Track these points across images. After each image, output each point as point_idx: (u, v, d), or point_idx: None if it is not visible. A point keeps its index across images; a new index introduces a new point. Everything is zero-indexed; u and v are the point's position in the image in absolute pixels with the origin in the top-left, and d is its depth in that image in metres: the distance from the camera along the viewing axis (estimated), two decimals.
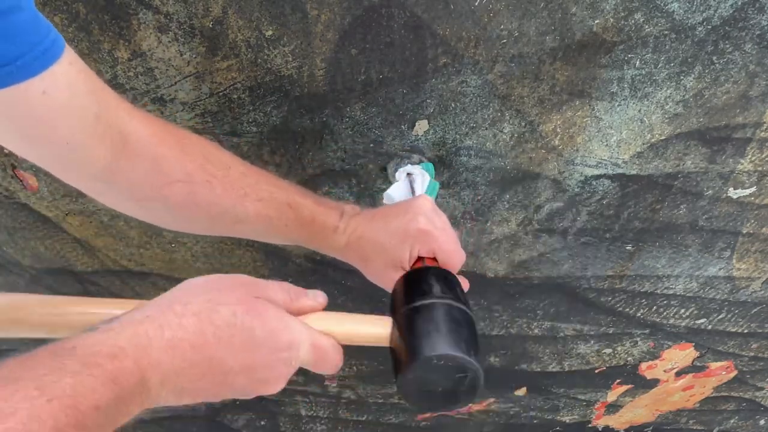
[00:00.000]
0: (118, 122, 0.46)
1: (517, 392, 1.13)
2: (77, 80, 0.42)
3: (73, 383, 0.29)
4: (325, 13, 0.59)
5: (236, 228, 0.55)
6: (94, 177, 0.48)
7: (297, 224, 0.55)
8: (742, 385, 1.13)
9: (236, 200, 0.52)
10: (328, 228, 0.55)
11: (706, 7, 0.59)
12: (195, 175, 0.50)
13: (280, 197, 0.54)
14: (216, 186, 0.51)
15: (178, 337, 0.35)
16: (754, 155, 0.73)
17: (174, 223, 0.57)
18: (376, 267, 0.56)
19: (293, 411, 1.18)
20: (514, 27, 0.60)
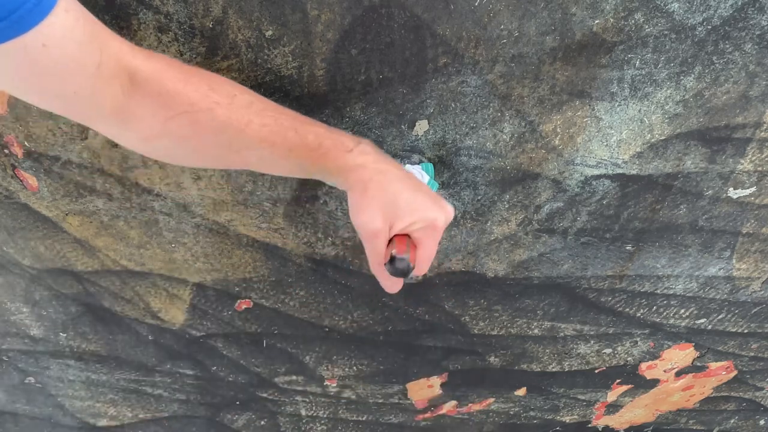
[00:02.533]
0: (123, 63, 0.47)
1: (517, 392, 1.13)
2: (76, 28, 0.42)
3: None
4: (325, 13, 0.59)
5: (242, 155, 0.54)
6: (107, 120, 0.49)
7: (302, 148, 0.54)
8: (742, 385, 1.13)
9: (240, 126, 0.52)
10: (339, 149, 0.54)
11: (706, 7, 0.59)
12: (198, 104, 0.50)
13: (285, 122, 0.54)
14: (219, 113, 0.51)
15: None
16: (754, 155, 0.73)
17: (183, 157, 0.57)
18: (370, 206, 0.54)
19: (293, 411, 1.18)
20: (514, 27, 0.60)
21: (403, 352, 1.02)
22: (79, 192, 0.77)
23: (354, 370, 1.07)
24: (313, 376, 1.08)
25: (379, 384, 1.10)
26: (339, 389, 1.12)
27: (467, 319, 0.96)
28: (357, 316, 0.95)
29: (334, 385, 1.10)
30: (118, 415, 1.23)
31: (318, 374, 1.08)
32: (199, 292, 0.92)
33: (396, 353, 1.03)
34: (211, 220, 0.80)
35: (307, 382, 1.10)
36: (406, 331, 0.98)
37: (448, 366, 1.05)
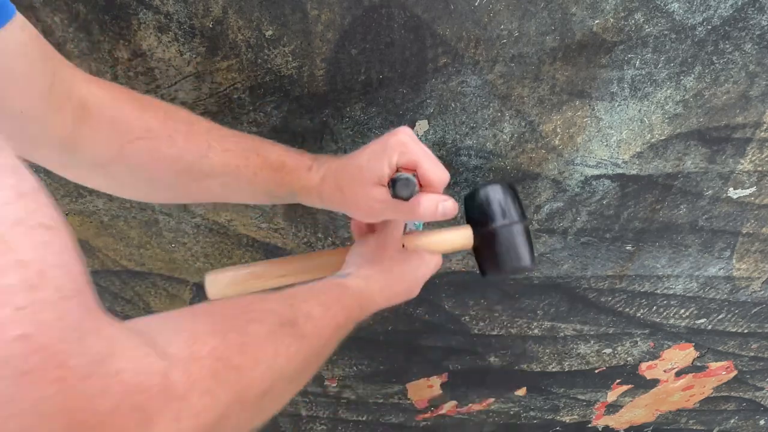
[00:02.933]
0: (76, 89, 0.45)
1: (517, 392, 1.13)
2: (30, 46, 0.40)
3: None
4: (325, 13, 0.59)
5: (203, 185, 0.52)
6: (56, 148, 0.46)
7: (266, 170, 0.52)
8: (742, 385, 1.13)
9: (201, 152, 0.50)
10: (300, 168, 0.53)
11: (706, 7, 0.59)
12: (156, 131, 0.49)
13: (246, 145, 0.52)
14: (178, 139, 0.49)
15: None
16: (754, 155, 0.73)
17: (138, 187, 0.54)
18: (353, 190, 0.52)
19: (293, 411, 1.18)
20: (514, 27, 0.60)
21: (403, 352, 1.02)
22: (79, 192, 0.77)
23: (354, 370, 1.07)
24: (312, 376, 1.08)
25: (379, 384, 1.10)
26: (339, 389, 1.12)
27: (467, 319, 0.96)
28: None
29: (334, 385, 1.10)
30: None
31: (318, 374, 1.08)
32: (199, 292, 0.92)
33: (396, 353, 1.03)
34: (211, 220, 0.80)
35: (307, 382, 1.10)
36: (406, 331, 0.98)
37: (448, 366, 1.05)
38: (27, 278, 0.20)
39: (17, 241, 0.20)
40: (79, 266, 0.23)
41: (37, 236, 0.21)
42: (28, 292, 0.20)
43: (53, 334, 0.21)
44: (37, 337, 0.20)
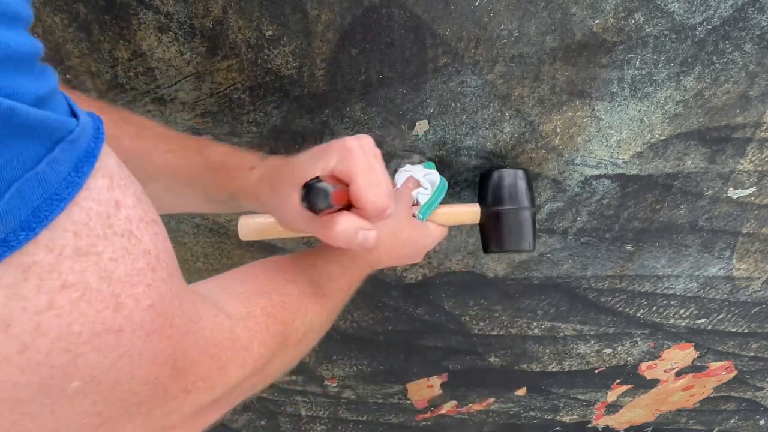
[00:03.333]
0: None
1: (517, 392, 1.13)
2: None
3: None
4: (325, 13, 0.59)
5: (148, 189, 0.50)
6: None
7: (206, 171, 0.50)
8: (742, 385, 1.13)
9: (145, 153, 0.49)
10: (241, 168, 0.50)
11: (706, 7, 0.59)
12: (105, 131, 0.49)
13: (190, 145, 0.51)
14: (125, 140, 0.48)
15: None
16: (754, 155, 0.73)
17: None
18: (279, 192, 0.45)
19: (293, 411, 1.18)
20: (514, 27, 0.60)
21: (403, 352, 1.02)
22: None
23: (354, 370, 1.07)
24: (313, 376, 1.08)
25: (379, 384, 1.10)
26: (339, 389, 1.12)
27: (467, 319, 0.96)
28: (357, 316, 0.95)
29: (334, 385, 1.10)
30: None
31: (318, 374, 1.08)
32: None
33: (396, 353, 1.03)
34: (211, 220, 0.80)
35: (307, 382, 1.10)
36: (406, 331, 0.98)
37: (448, 366, 1.05)
38: (150, 262, 0.26)
39: (142, 234, 0.25)
40: (172, 250, 0.29)
41: (152, 230, 0.26)
42: (151, 273, 0.26)
43: (167, 303, 0.27)
44: (159, 306, 0.26)
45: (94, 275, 0.23)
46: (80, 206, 0.22)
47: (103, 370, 0.24)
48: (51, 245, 0.21)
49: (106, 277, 0.23)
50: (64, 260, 0.22)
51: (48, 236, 0.21)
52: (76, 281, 0.22)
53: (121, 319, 0.24)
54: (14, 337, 0.21)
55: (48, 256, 0.21)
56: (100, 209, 0.23)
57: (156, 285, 0.26)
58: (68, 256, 0.22)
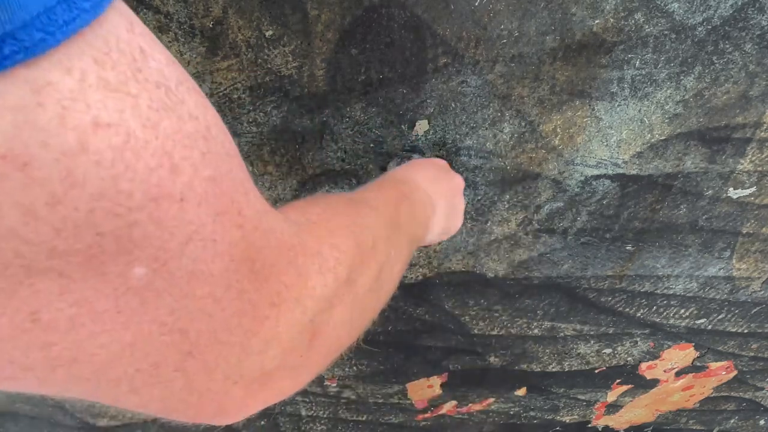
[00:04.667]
0: None
1: (517, 392, 1.13)
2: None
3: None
4: (325, 13, 0.59)
5: None
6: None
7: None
8: (742, 385, 1.13)
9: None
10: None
11: (706, 7, 0.59)
12: None
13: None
14: None
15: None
16: (754, 155, 0.73)
17: None
18: None
19: (293, 411, 1.18)
20: (515, 27, 0.60)
21: (403, 352, 1.02)
22: None
23: (354, 370, 1.07)
24: None
25: (379, 384, 1.10)
26: (339, 389, 1.12)
27: (467, 319, 0.96)
28: None
29: (334, 385, 1.10)
30: (118, 415, 1.23)
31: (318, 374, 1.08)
32: None
33: (396, 353, 1.03)
34: None
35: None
36: (406, 331, 0.98)
37: (448, 366, 1.05)
38: (199, 129, 0.20)
39: (183, 96, 0.20)
40: (230, 136, 0.23)
41: (197, 97, 0.21)
42: (204, 142, 0.20)
43: (229, 183, 0.21)
44: (221, 183, 0.20)
45: (135, 120, 0.17)
46: (95, 32, 0.17)
47: (173, 255, 0.19)
48: (68, 64, 0.16)
49: (152, 127, 0.18)
50: (90, 90, 0.16)
51: (63, 52, 0.16)
52: (114, 121, 0.17)
53: (181, 185, 0.19)
54: (38, 182, 0.15)
55: (66, 78, 0.16)
56: (121, 46, 0.18)
57: (213, 156, 0.20)
58: (93, 85, 0.16)
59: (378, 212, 0.41)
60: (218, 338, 0.22)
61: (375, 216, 0.40)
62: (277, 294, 0.24)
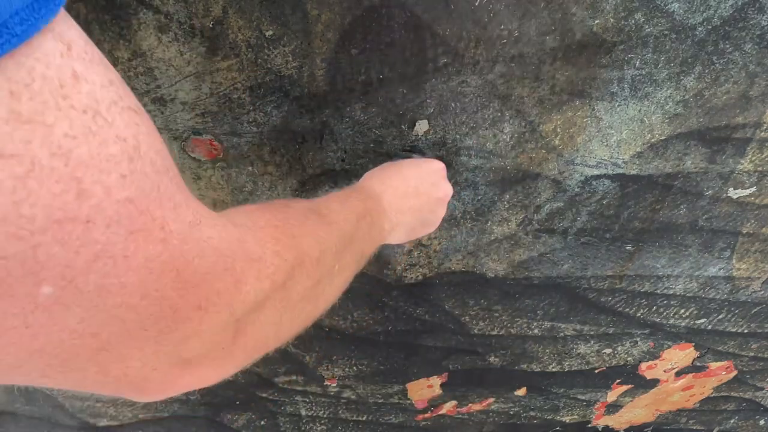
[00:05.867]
0: None
1: (517, 392, 1.13)
2: None
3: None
4: (325, 13, 0.59)
5: None
6: None
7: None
8: (742, 385, 1.13)
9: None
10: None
11: (706, 7, 0.59)
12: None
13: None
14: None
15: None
16: (754, 155, 0.73)
17: None
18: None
19: (293, 411, 1.18)
20: (515, 27, 0.60)
21: (403, 352, 1.02)
22: None
23: (354, 370, 1.07)
24: (313, 376, 1.08)
25: (379, 384, 1.10)
26: (339, 389, 1.12)
27: (467, 319, 0.96)
28: (357, 316, 0.95)
29: (334, 385, 1.10)
30: (118, 415, 1.23)
31: (318, 374, 1.08)
32: None
33: (396, 353, 1.03)
34: None
35: (307, 382, 1.10)
36: (406, 331, 0.98)
37: (448, 366, 1.05)
38: (126, 150, 0.21)
39: (113, 118, 0.21)
40: (165, 148, 0.25)
41: (129, 117, 0.22)
42: (128, 163, 0.21)
43: (152, 201, 0.22)
44: (140, 201, 0.22)
45: (43, 150, 0.18)
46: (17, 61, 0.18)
47: (80, 272, 0.20)
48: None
49: (61, 155, 0.19)
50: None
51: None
52: (17, 152, 0.18)
53: (88, 208, 0.20)
54: None
55: None
56: (48, 73, 0.19)
57: (135, 177, 0.21)
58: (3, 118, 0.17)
59: (333, 227, 0.43)
60: (132, 335, 0.23)
61: (329, 230, 0.42)
62: (206, 299, 0.26)
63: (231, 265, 0.28)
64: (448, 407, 1.17)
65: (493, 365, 1.06)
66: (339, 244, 0.42)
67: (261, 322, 0.31)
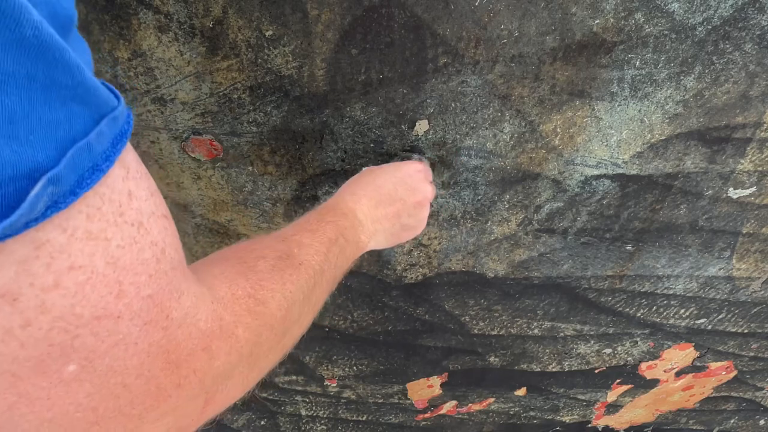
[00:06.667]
0: None
1: (517, 392, 1.13)
2: None
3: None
4: (325, 13, 0.59)
5: None
6: None
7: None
8: (742, 385, 1.13)
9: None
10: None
11: (706, 7, 0.59)
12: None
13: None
14: None
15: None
16: (754, 155, 0.73)
17: None
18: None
19: (293, 411, 1.18)
20: (515, 27, 0.60)
21: (403, 352, 1.02)
22: None
23: (354, 370, 1.07)
24: (313, 376, 1.08)
25: (379, 384, 1.10)
26: (339, 389, 1.12)
27: (467, 319, 0.96)
28: (357, 316, 0.95)
29: (334, 385, 1.10)
30: None
31: (318, 374, 1.08)
32: None
33: (396, 353, 1.03)
34: (211, 220, 0.80)
35: (307, 382, 1.10)
36: (406, 331, 0.98)
37: (448, 366, 1.05)
38: (156, 254, 0.26)
39: (151, 226, 0.26)
40: (180, 244, 0.29)
41: (161, 224, 0.27)
42: (155, 264, 0.26)
43: (165, 295, 0.27)
44: (157, 296, 0.26)
45: (101, 260, 0.23)
46: (95, 191, 0.23)
47: (99, 355, 0.24)
48: (65, 225, 0.21)
49: (113, 263, 0.23)
50: (75, 242, 0.22)
51: (63, 216, 0.21)
52: (84, 264, 0.22)
53: (122, 305, 0.24)
54: (20, 311, 0.21)
55: (61, 236, 0.21)
56: (113, 197, 0.24)
57: (158, 276, 0.26)
58: (79, 238, 0.22)
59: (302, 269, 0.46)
60: (122, 412, 0.27)
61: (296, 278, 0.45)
62: (185, 377, 0.29)
63: (208, 344, 0.31)
64: (448, 407, 1.17)
65: (493, 365, 1.06)
66: (307, 287, 0.45)
67: (228, 389, 0.35)
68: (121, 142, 0.24)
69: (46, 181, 0.20)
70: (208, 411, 0.34)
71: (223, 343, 0.33)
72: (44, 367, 0.22)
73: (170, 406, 0.29)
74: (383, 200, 0.60)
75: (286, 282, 0.43)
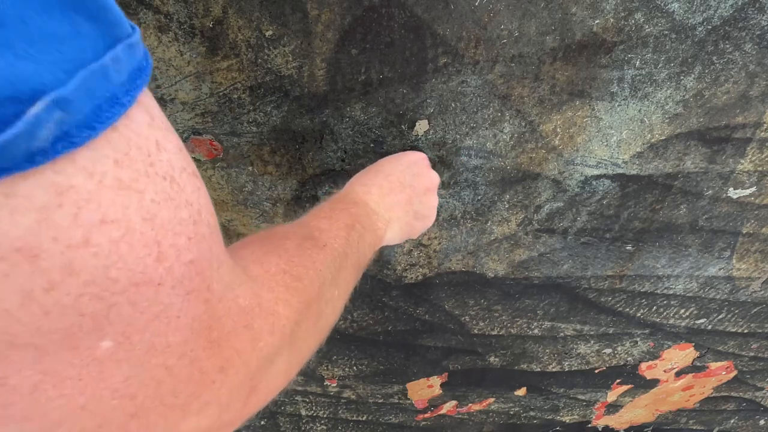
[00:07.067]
0: None
1: (517, 392, 1.13)
2: None
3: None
4: (325, 13, 0.59)
5: None
6: None
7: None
8: (742, 385, 1.13)
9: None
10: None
11: (706, 7, 0.59)
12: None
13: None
14: None
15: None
16: (754, 155, 0.73)
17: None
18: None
19: (293, 411, 1.18)
20: (515, 27, 0.60)
21: (403, 352, 1.02)
22: None
23: (354, 370, 1.07)
24: (313, 376, 1.08)
25: (379, 384, 1.10)
26: (339, 389, 1.12)
27: (467, 319, 0.96)
28: (357, 316, 0.95)
29: (334, 385, 1.10)
30: None
31: (318, 374, 1.08)
32: None
33: (396, 353, 1.03)
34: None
35: (307, 382, 1.10)
36: (406, 331, 0.98)
37: (448, 366, 1.05)
38: (192, 215, 0.23)
39: (184, 183, 0.22)
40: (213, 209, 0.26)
41: (194, 182, 0.24)
42: (194, 226, 0.23)
43: (206, 263, 0.23)
44: (199, 263, 0.23)
45: (137, 215, 0.19)
46: (119, 132, 0.19)
47: (138, 330, 0.21)
48: (91, 169, 0.18)
49: (150, 219, 0.20)
50: (105, 190, 0.18)
51: (88, 157, 0.18)
52: (118, 217, 0.19)
53: (162, 270, 0.21)
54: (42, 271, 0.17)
55: (87, 182, 0.18)
56: (140, 143, 0.20)
57: (197, 240, 0.23)
58: (109, 186, 0.19)
59: (326, 250, 0.43)
60: (163, 402, 0.23)
61: (324, 256, 0.42)
62: (227, 360, 0.26)
63: (250, 322, 0.28)
64: (448, 407, 1.17)
65: (493, 365, 1.06)
66: (334, 268, 0.43)
67: (272, 375, 0.31)
68: (140, 77, 0.21)
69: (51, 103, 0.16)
70: (251, 403, 0.30)
71: (264, 321, 0.29)
72: (74, 341, 0.19)
73: (213, 394, 0.25)
74: (394, 188, 0.60)
75: (315, 261, 0.40)
